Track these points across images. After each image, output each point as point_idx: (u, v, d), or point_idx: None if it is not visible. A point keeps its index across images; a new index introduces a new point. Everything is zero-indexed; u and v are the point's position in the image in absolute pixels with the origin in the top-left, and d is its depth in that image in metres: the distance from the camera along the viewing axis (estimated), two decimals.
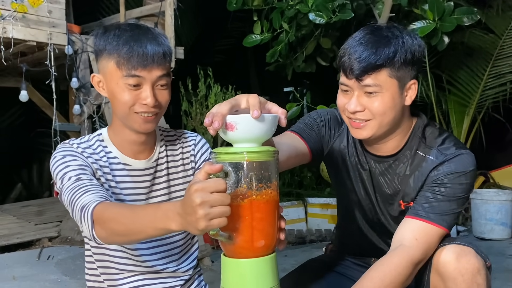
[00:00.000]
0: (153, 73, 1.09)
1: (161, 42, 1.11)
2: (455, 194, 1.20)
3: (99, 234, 0.97)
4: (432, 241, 1.17)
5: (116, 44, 1.08)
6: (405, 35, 1.18)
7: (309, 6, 3.08)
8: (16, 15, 3.32)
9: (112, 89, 1.11)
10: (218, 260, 3.11)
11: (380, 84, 1.15)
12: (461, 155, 1.23)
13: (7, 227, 3.83)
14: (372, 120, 1.19)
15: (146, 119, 1.11)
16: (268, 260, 0.83)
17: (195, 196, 0.74)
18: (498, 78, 4.12)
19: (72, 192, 1.03)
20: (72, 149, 1.13)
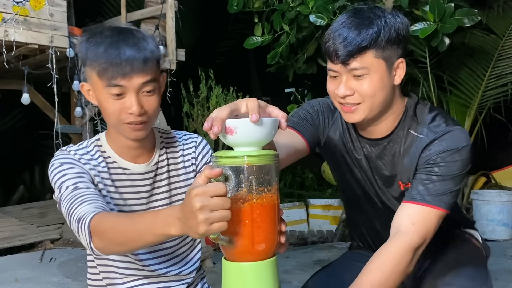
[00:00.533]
0: (134, 81, 1.04)
1: (143, 47, 1.05)
2: (450, 172, 1.17)
3: (97, 245, 0.96)
4: (431, 224, 1.15)
5: (96, 53, 1.04)
6: (387, 14, 1.17)
7: (310, 8, 3.09)
8: (18, 18, 3.34)
9: (98, 98, 1.09)
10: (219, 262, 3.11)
11: (366, 66, 1.14)
12: (452, 131, 1.20)
13: (9, 229, 3.84)
14: (363, 104, 1.18)
15: (134, 127, 1.08)
16: (269, 263, 0.83)
17: (195, 200, 0.74)
18: (499, 79, 4.12)
19: (69, 203, 1.02)
20: (70, 156, 1.11)
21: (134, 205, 1.17)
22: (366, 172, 1.31)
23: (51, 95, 3.74)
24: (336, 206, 4.18)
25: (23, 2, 3.35)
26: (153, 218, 0.87)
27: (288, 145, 1.23)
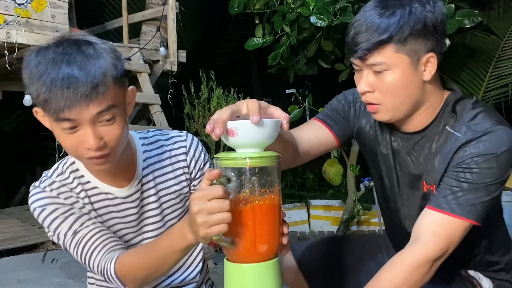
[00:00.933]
0: (85, 113, 0.85)
1: (92, 67, 0.85)
2: (483, 180, 1.04)
3: (134, 286, 0.96)
4: (455, 236, 1.04)
5: (36, 79, 0.85)
6: (415, 2, 1.05)
7: (311, 9, 3.09)
8: (19, 20, 3.35)
9: (52, 129, 0.91)
10: (221, 263, 3.12)
11: (385, 61, 1.05)
12: (493, 132, 1.06)
13: (11, 231, 3.85)
14: (382, 105, 1.10)
15: (96, 162, 0.91)
16: (271, 264, 0.83)
17: (193, 204, 0.75)
18: (500, 80, 4.12)
19: (79, 253, 0.98)
20: (46, 195, 0.99)
21: (125, 234, 1.07)
22: (390, 169, 1.23)
23: None
24: (337, 207, 4.18)
25: (25, 4, 3.36)
26: (170, 236, 0.87)
27: (310, 139, 1.22)
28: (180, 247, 0.86)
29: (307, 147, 1.21)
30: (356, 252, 1.40)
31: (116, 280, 0.95)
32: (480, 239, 1.21)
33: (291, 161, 1.19)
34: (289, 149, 1.14)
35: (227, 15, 3.98)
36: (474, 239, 1.16)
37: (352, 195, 3.68)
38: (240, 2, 3.49)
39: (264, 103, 0.87)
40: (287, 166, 1.20)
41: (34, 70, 0.86)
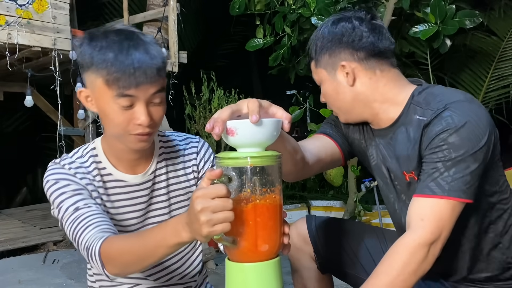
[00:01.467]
0: (147, 91, 0.97)
1: (154, 54, 0.98)
2: (456, 155, 1.04)
3: (112, 271, 0.94)
4: (443, 217, 1.03)
5: (104, 60, 0.95)
6: (325, 24, 1.26)
7: (311, 10, 3.10)
8: (21, 21, 3.35)
9: (102, 108, 1.01)
10: (222, 263, 3.12)
11: (315, 77, 1.28)
12: (453, 104, 1.07)
13: (12, 231, 3.85)
14: (335, 110, 1.29)
15: (141, 138, 1.02)
16: (272, 264, 0.83)
17: (196, 203, 0.75)
18: (500, 80, 4.12)
19: (73, 227, 0.99)
20: (64, 171, 1.05)
21: (130, 218, 1.12)
22: (384, 172, 1.27)
23: (54, 97, 3.75)
24: (338, 207, 4.18)
25: (26, 5, 3.37)
26: (163, 230, 0.86)
27: (319, 150, 1.26)
28: (171, 243, 0.84)
29: (316, 157, 1.24)
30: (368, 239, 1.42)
31: (97, 259, 0.93)
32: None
33: (301, 169, 1.20)
34: (297, 157, 1.15)
35: (228, 16, 3.99)
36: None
37: (353, 196, 3.68)
38: (241, 3, 3.50)
39: (266, 103, 0.87)
40: (297, 174, 1.21)
41: (102, 53, 0.96)
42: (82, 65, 1.01)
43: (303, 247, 1.39)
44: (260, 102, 0.85)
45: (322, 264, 1.38)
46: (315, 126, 3.34)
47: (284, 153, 1.00)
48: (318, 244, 1.38)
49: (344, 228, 1.44)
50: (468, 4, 3.29)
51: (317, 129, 3.23)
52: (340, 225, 1.45)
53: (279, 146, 0.96)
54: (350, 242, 1.40)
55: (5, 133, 5.97)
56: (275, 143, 0.87)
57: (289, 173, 1.18)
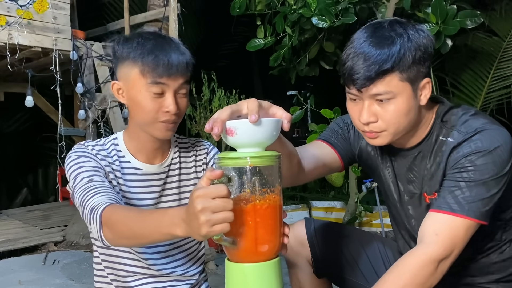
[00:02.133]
0: (177, 81, 1.11)
1: (183, 51, 1.13)
2: (480, 177, 1.05)
3: (107, 235, 0.98)
4: (458, 235, 1.04)
5: (141, 52, 1.09)
6: (410, 29, 1.07)
7: (312, 10, 3.09)
8: (21, 22, 3.36)
9: (134, 96, 1.12)
10: (222, 264, 3.12)
11: (391, 90, 1.05)
12: (484, 131, 1.07)
13: (12, 232, 3.85)
14: (386, 132, 1.10)
15: (167, 126, 1.12)
16: (272, 264, 0.83)
17: (197, 202, 0.75)
18: (502, 80, 4.11)
19: (83, 193, 1.04)
20: (87, 150, 1.14)
21: (143, 205, 1.19)
22: (393, 187, 1.26)
23: (54, 98, 3.76)
24: (338, 208, 4.18)
25: (27, 6, 3.37)
26: (160, 217, 0.88)
27: (316, 156, 1.23)
28: (165, 232, 0.86)
29: (313, 164, 1.22)
30: (367, 245, 1.41)
31: (97, 220, 0.97)
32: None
33: (295, 175, 1.19)
34: (293, 161, 1.14)
35: (228, 16, 3.98)
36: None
37: (354, 196, 3.67)
38: (242, 3, 3.50)
39: (266, 103, 0.86)
40: (291, 179, 1.20)
41: (139, 47, 1.10)
42: (118, 60, 1.14)
43: (300, 250, 1.38)
44: (260, 103, 0.84)
45: (318, 268, 1.37)
46: (316, 127, 3.34)
47: (283, 160, 0.99)
48: (316, 248, 1.37)
49: (344, 233, 1.43)
50: (469, 4, 3.28)
51: (318, 130, 3.25)
52: (339, 230, 1.44)
53: (277, 149, 0.95)
54: (349, 247, 1.39)
55: (5, 134, 5.97)
56: (272, 146, 0.86)
57: (283, 177, 1.17)
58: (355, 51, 1.07)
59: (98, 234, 0.99)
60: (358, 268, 1.38)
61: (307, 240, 1.37)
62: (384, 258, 1.40)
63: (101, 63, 3.91)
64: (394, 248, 1.42)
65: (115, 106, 3.79)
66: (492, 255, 1.20)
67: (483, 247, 1.19)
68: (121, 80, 1.15)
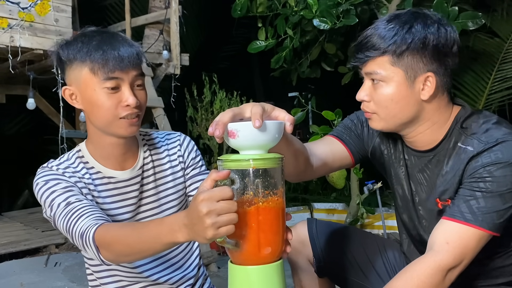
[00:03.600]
0: (130, 73, 1.06)
1: (132, 43, 1.10)
2: (497, 189, 1.03)
3: (107, 257, 0.95)
4: (469, 245, 1.03)
5: (88, 50, 1.04)
6: (419, 22, 1.08)
7: (313, 12, 3.09)
8: (23, 24, 3.36)
9: (89, 97, 1.06)
10: (224, 266, 3.11)
11: (381, 72, 1.09)
12: (505, 142, 1.05)
13: (14, 234, 3.85)
14: (376, 114, 1.14)
15: (130, 122, 1.08)
16: (275, 267, 0.83)
17: (202, 205, 0.74)
18: (504, 82, 4.10)
19: (66, 220, 1.00)
20: (53, 172, 1.09)
21: (122, 213, 1.14)
22: (406, 187, 1.25)
23: (56, 100, 3.76)
24: (340, 210, 4.17)
25: (29, 8, 3.38)
26: (158, 227, 0.86)
27: (325, 153, 1.22)
28: (166, 241, 0.85)
29: (322, 161, 1.21)
30: (368, 245, 1.41)
31: (91, 245, 0.94)
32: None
33: (302, 172, 1.18)
34: (300, 159, 1.14)
35: (230, 18, 3.99)
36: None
37: (356, 198, 3.67)
38: (243, 5, 3.50)
39: (269, 106, 0.86)
40: (298, 176, 1.20)
41: (84, 47, 1.05)
42: (65, 64, 1.08)
43: (301, 249, 1.38)
44: (263, 106, 0.84)
45: (320, 267, 1.37)
46: (317, 128, 3.33)
47: (287, 155, 0.99)
48: (318, 248, 1.37)
49: (345, 233, 1.43)
50: (471, 5, 3.28)
51: (319, 131, 3.24)
52: (340, 230, 1.44)
53: (282, 147, 0.95)
54: (350, 247, 1.39)
55: (7, 136, 5.97)
56: (277, 144, 0.86)
57: (289, 174, 1.17)
58: (366, 32, 1.14)
59: (97, 258, 0.96)
60: (359, 267, 1.38)
61: (309, 240, 1.37)
62: (384, 258, 1.40)
63: None
64: (396, 248, 1.41)
65: None
66: (498, 260, 1.19)
67: (490, 252, 1.17)
68: (72, 84, 1.09)
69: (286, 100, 7.05)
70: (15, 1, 3.34)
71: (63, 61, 1.09)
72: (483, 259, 1.18)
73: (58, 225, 1.03)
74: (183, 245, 1.24)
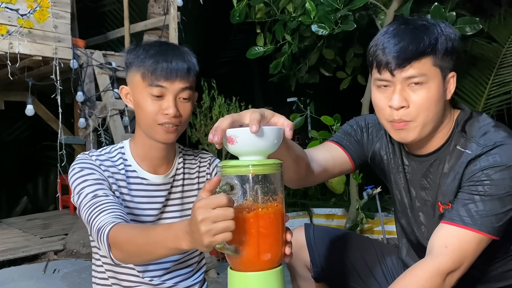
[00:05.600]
0: (176, 85, 1.13)
1: (187, 59, 1.16)
2: (495, 192, 1.03)
3: (117, 256, 0.98)
4: (468, 249, 1.02)
5: (144, 58, 1.14)
6: (440, 23, 1.10)
7: (312, 18, 3.10)
8: (22, 31, 3.37)
9: (137, 99, 1.15)
10: (223, 272, 3.10)
11: (425, 73, 1.04)
12: (503, 145, 1.05)
13: (12, 241, 3.83)
14: (414, 122, 1.08)
15: (167, 129, 1.14)
16: (274, 273, 0.82)
17: (198, 213, 0.75)
18: (502, 87, 4.12)
19: (89, 211, 1.05)
20: (91, 161, 1.15)
21: (146, 215, 1.19)
22: (405, 193, 1.25)
23: (55, 106, 3.76)
24: (339, 215, 4.16)
25: (28, 15, 3.39)
26: (165, 232, 0.88)
27: (326, 158, 1.22)
28: (171, 247, 0.87)
29: (323, 166, 1.21)
30: (366, 251, 1.41)
31: (105, 242, 0.98)
32: None
33: (303, 178, 1.18)
34: (301, 165, 1.13)
35: (228, 24, 4.00)
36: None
37: (355, 203, 3.66)
38: (241, 11, 3.51)
39: (269, 112, 0.86)
40: (299, 182, 1.20)
41: (144, 53, 1.15)
42: (127, 66, 1.19)
43: (298, 254, 1.37)
44: (263, 112, 0.84)
45: (317, 272, 1.37)
46: (316, 134, 3.33)
47: (287, 161, 0.99)
48: (315, 253, 1.37)
49: (342, 238, 1.42)
50: (468, 11, 3.30)
51: (318, 136, 3.24)
52: (339, 235, 1.44)
53: (283, 153, 0.95)
54: (348, 252, 1.39)
55: (6, 142, 5.97)
56: (278, 150, 0.86)
57: (290, 180, 1.17)
58: (388, 36, 1.07)
59: (108, 255, 0.99)
60: (356, 273, 1.38)
61: (306, 245, 1.37)
62: (382, 263, 1.40)
63: (101, 71, 3.91)
64: (394, 253, 1.41)
65: (116, 114, 3.79)
66: (497, 265, 1.19)
67: (489, 257, 1.17)
68: (129, 85, 1.19)
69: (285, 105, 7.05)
70: (14, 7, 3.35)
71: (126, 64, 1.19)
72: (484, 264, 1.17)
73: (81, 214, 1.08)
74: (195, 258, 1.28)
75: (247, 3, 3.49)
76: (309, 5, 3.07)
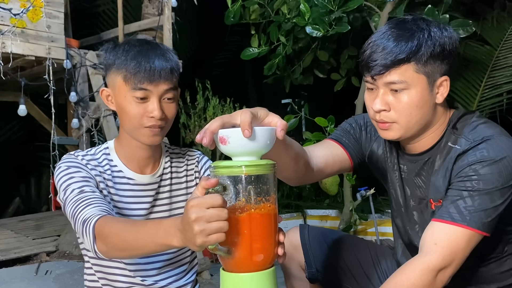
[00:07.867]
0: (160, 87, 1.10)
1: (169, 58, 1.13)
2: (484, 187, 1.03)
3: (100, 248, 0.97)
4: (458, 245, 1.02)
5: (124, 59, 1.10)
6: (433, 27, 1.08)
7: (306, 20, 3.11)
8: (15, 30, 3.34)
9: (120, 102, 1.12)
10: (217, 274, 3.09)
11: (406, 80, 1.06)
12: (491, 140, 1.05)
13: (4, 242, 3.80)
14: (396, 124, 1.10)
15: (153, 131, 1.12)
16: (267, 274, 0.82)
17: (191, 212, 0.74)
18: (494, 89, 4.15)
19: (74, 205, 1.03)
20: (77, 160, 1.14)
21: (134, 215, 1.18)
22: (400, 191, 1.25)
23: (47, 106, 3.74)
24: (333, 216, 4.17)
25: (21, 14, 3.37)
26: (156, 227, 0.87)
27: (325, 156, 1.22)
28: (161, 242, 0.86)
29: (322, 164, 1.21)
30: (360, 251, 1.41)
31: (90, 233, 0.96)
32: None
33: (303, 176, 1.18)
34: (300, 163, 1.13)
35: (223, 25, 4.00)
36: None
37: (349, 204, 3.67)
38: (236, 12, 3.51)
39: (263, 111, 0.86)
40: (298, 180, 1.20)
41: (124, 54, 1.11)
42: (106, 67, 1.16)
43: (293, 255, 1.37)
44: (256, 112, 0.84)
45: (311, 273, 1.37)
46: (310, 135, 3.34)
47: (286, 159, 0.98)
48: (310, 253, 1.37)
49: (337, 239, 1.42)
50: (461, 13, 3.31)
51: (312, 138, 3.24)
52: (334, 236, 1.44)
53: (281, 152, 0.94)
54: (342, 253, 1.39)
55: None
56: (275, 149, 0.85)
57: (290, 178, 1.17)
58: (375, 41, 1.10)
59: (91, 247, 0.98)
60: (351, 274, 1.38)
61: (301, 246, 1.37)
62: (376, 264, 1.40)
63: (95, 71, 3.89)
64: (389, 255, 1.41)
65: (109, 115, 3.78)
66: (492, 265, 1.19)
67: (484, 258, 1.18)
68: (110, 86, 1.16)
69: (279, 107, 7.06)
70: (7, 7, 3.33)
71: (105, 64, 1.16)
72: (478, 265, 1.18)
73: (66, 209, 1.06)
74: (187, 258, 1.26)
75: (242, 4, 3.49)
76: (303, 6, 3.07)
